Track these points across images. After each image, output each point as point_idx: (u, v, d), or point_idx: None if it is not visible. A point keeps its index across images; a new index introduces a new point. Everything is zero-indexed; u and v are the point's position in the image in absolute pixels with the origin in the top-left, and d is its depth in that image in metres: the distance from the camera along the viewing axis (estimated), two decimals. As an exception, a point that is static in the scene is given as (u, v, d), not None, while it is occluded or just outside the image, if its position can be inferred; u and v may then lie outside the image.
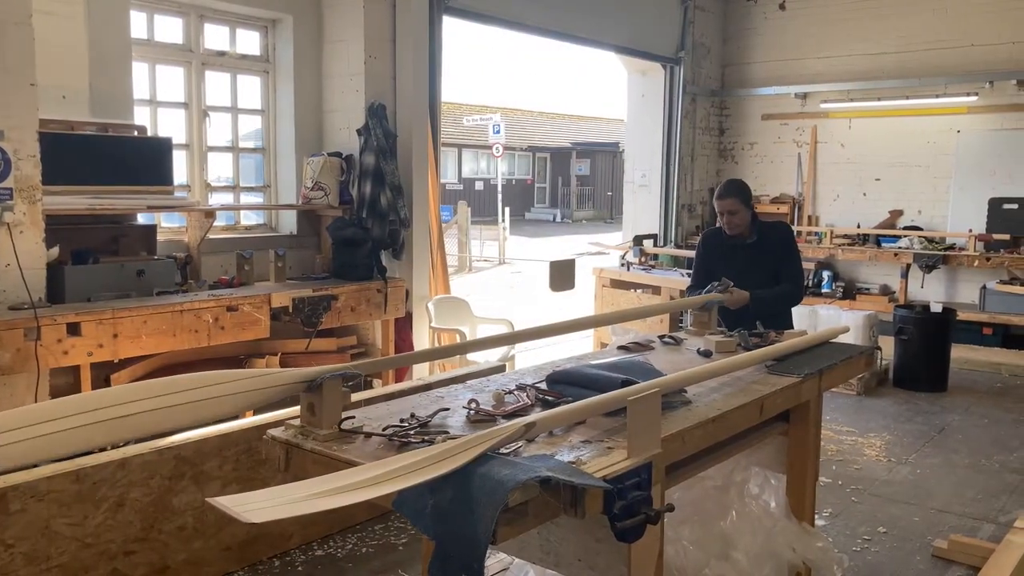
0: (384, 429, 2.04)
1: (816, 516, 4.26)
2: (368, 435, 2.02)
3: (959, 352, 7.67)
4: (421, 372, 6.02)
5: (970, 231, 8.38)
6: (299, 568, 3.58)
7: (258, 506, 1.27)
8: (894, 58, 8.89)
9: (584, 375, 2.42)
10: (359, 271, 5.48)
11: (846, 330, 3.59)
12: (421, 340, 5.96)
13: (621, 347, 3.24)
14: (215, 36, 5.55)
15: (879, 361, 6.95)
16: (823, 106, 9.35)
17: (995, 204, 8.41)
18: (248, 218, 5.94)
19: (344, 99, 5.80)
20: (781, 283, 4.11)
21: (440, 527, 1.64)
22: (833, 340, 3.47)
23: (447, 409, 2.24)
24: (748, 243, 4.17)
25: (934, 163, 8.88)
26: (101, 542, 3.07)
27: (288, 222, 5.92)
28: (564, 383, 2.45)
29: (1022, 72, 8.16)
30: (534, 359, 6.94)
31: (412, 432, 2.02)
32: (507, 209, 19.01)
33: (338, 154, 5.70)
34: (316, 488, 1.39)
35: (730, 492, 2.61)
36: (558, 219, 33.15)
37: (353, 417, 2.08)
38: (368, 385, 5.83)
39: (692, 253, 8.98)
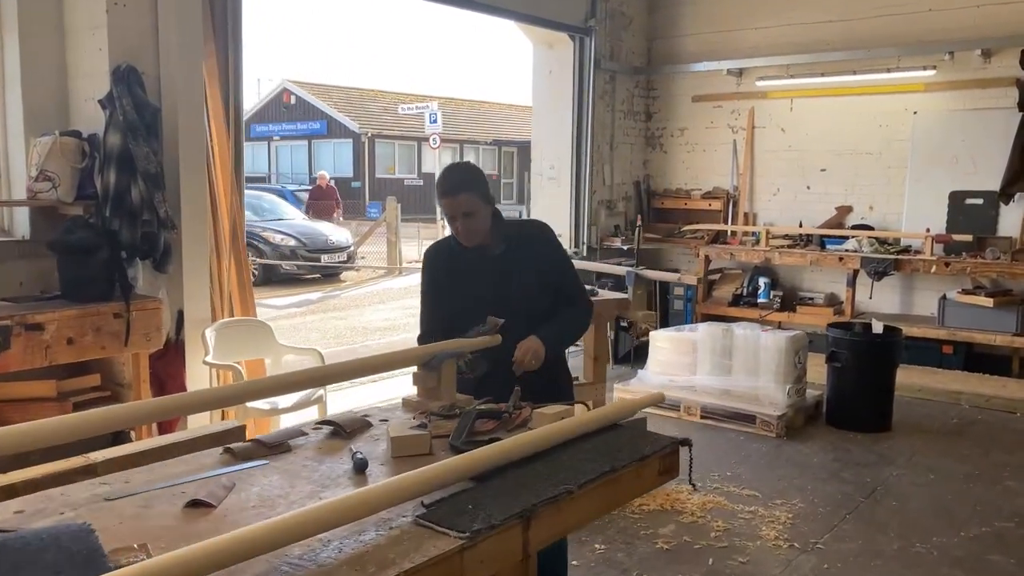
0: None
1: (658, 657, 2.92)
2: None
3: (912, 377, 6.35)
4: (203, 419, 4.63)
5: (927, 231, 7.02)
6: None
7: None
8: (839, 27, 7.51)
9: None
10: (94, 288, 4.08)
11: (659, 399, 2.22)
12: (199, 379, 4.57)
13: (227, 449, 1.85)
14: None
15: (806, 395, 5.62)
16: (760, 84, 7.99)
17: (956, 199, 7.07)
18: (-30, 218, 4.54)
19: (88, 61, 4.39)
20: (559, 306, 2.75)
21: None
22: (631, 419, 2.11)
23: None
24: (494, 255, 2.75)
25: (887, 150, 7.53)
26: None
27: (23, 224, 4.52)
28: None
29: (988, 40, 6.80)
30: (347, 400, 5.60)
31: None
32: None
33: (77, 133, 4.30)
34: None
35: None
36: (525, 215, 31.74)
37: None
38: (126, 439, 4.45)
39: (607, 266, 7.68)
